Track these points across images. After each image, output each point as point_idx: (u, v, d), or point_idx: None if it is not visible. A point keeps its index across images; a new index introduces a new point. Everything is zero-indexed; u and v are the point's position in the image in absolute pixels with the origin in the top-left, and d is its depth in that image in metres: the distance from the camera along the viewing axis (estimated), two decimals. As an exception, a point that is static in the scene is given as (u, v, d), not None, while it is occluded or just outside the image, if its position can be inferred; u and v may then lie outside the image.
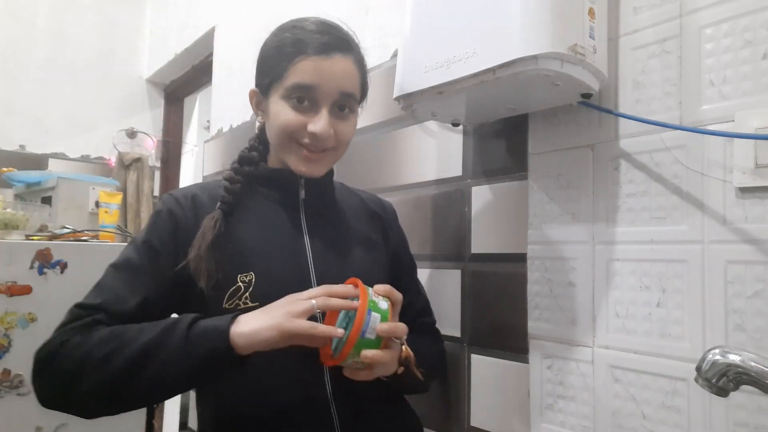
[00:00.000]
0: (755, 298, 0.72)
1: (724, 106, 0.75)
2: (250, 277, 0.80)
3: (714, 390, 0.57)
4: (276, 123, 0.82)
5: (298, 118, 0.81)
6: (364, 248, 0.94)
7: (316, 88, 0.80)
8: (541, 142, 0.98)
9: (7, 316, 1.55)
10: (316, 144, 0.82)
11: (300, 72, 0.80)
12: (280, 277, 0.82)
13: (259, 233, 0.85)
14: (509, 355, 1.02)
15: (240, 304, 0.78)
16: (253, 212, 0.87)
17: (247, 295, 0.79)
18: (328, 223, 0.92)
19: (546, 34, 0.77)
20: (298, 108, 0.81)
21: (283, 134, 0.82)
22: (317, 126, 0.80)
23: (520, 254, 1.00)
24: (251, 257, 0.82)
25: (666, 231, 0.81)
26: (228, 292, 0.79)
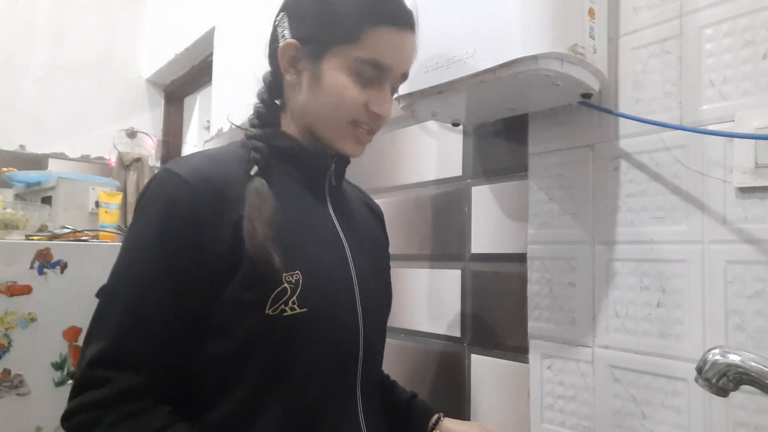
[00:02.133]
0: (755, 298, 0.72)
1: (724, 106, 0.75)
2: (297, 277, 0.66)
3: (714, 390, 0.57)
4: (332, 95, 0.70)
5: (363, 95, 0.71)
6: (379, 249, 0.88)
7: (388, 68, 0.71)
8: (541, 142, 0.98)
9: (7, 316, 1.55)
10: (376, 125, 0.74)
11: (379, 44, 0.69)
12: (327, 277, 0.71)
13: (294, 222, 0.71)
14: (509, 355, 1.02)
15: (287, 310, 0.66)
16: (280, 194, 0.70)
17: (294, 299, 0.66)
18: (352, 217, 0.82)
19: (546, 34, 0.77)
20: (363, 83, 0.70)
21: (341, 110, 0.71)
22: (383, 108, 0.72)
23: (520, 254, 1.00)
24: (294, 252, 0.68)
25: (666, 231, 0.81)
26: (272, 296, 0.65)
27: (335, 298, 0.72)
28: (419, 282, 1.21)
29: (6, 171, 2.28)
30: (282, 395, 0.68)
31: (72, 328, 1.63)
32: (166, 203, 0.65)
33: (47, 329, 1.59)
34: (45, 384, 1.56)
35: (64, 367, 1.60)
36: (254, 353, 0.67)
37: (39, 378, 1.56)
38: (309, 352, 0.69)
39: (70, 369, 1.61)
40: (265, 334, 0.66)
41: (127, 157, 2.78)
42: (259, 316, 0.65)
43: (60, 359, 1.60)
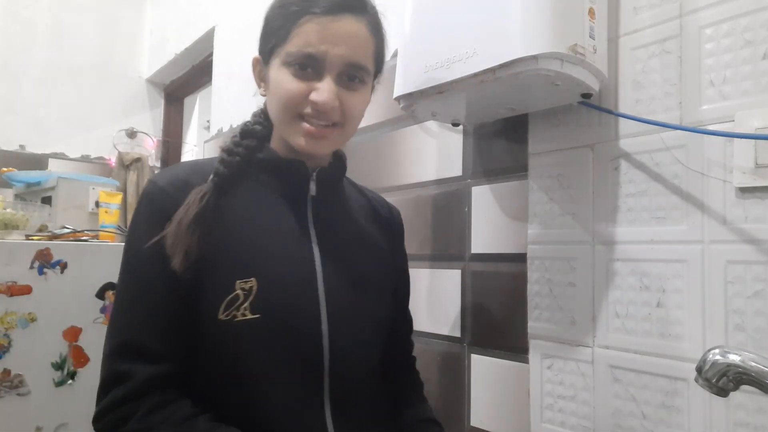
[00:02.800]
0: (755, 298, 0.72)
1: (724, 106, 0.75)
2: (251, 284, 0.69)
3: (714, 390, 0.57)
4: (276, 93, 0.73)
5: (300, 86, 0.71)
6: (373, 258, 0.85)
7: (321, 56, 0.70)
8: (541, 142, 0.98)
9: (7, 316, 1.55)
10: (319, 116, 0.72)
11: (304, 35, 0.70)
12: (285, 286, 0.72)
13: (261, 231, 0.74)
14: (509, 355, 1.02)
15: (238, 316, 0.68)
16: (251, 204, 0.75)
17: (246, 306, 0.69)
18: (338, 226, 0.82)
19: (546, 34, 0.77)
20: (301, 76, 0.71)
21: (285, 105, 0.72)
22: (320, 95, 0.70)
23: (520, 254, 1.00)
24: (253, 260, 0.71)
25: (666, 231, 0.81)
26: (225, 301, 0.69)
27: (293, 306, 0.71)
28: (419, 282, 1.21)
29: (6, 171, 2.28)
30: (237, 403, 0.70)
31: (72, 328, 1.63)
32: (147, 210, 0.73)
33: (47, 329, 1.58)
34: (45, 384, 1.56)
35: (64, 367, 1.60)
36: (210, 357, 0.71)
37: (39, 378, 1.55)
38: (262, 360, 0.70)
39: (70, 369, 1.61)
40: (218, 339, 0.69)
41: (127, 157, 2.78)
42: (212, 321, 0.69)
43: (60, 359, 1.60)
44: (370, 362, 0.81)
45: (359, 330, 0.78)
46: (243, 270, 0.70)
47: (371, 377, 0.81)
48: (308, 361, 0.72)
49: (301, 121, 0.73)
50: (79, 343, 1.64)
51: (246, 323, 0.68)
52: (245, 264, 0.71)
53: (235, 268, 0.70)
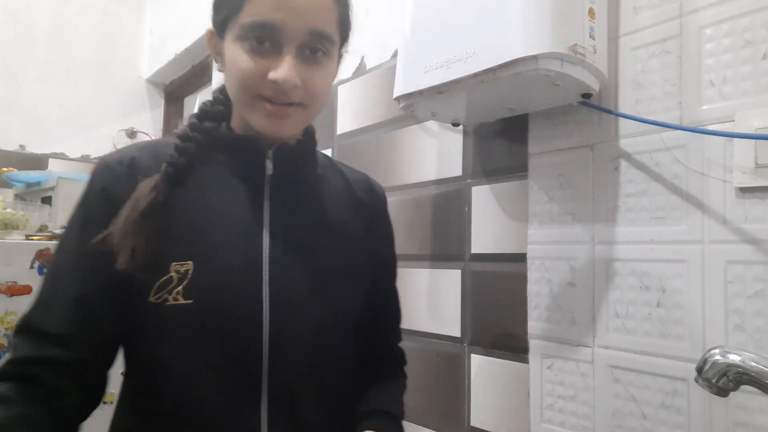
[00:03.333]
0: (755, 298, 0.72)
1: (724, 106, 0.75)
2: (187, 267, 0.64)
3: (714, 390, 0.57)
4: (232, 72, 0.67)
5: (258, 64, 0.64)
6: (342, 245, 0.77)
7: (277, 27, 0.63)
8: (541, 142, 0.98)
9: (7, 316, 1.55)
10: (280, 97, 0.65)
11: (257, 3, 0.63)
12: (225, 271, 0.66)
13: (207, 213, 0.69)
14: (509, 355, 1.02)
15: (169, 299, 0.63)
16: (204, 185, 0.70)
17: (179, 290, 0.63)
18: (297, 209, 0.74)
19: (546, 34, 0.77)
20: (257, 51, 0.64)
21: (241, 85, 0.66)
22: (279, 73, 0.63)
23: (520, 254, 1.00)
24: (191, 242, 0.66)
25: (666, 231, 0.81)
26: (157, 284, 0.63)
27: (231, 292, 0.66)
28: (419, 282, 1.21)
29: (6, 171, 2.28)
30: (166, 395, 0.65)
31: (72, 328, 1.62)
32: (88, 188, 0.68)
33: (47, 329, 1.58)
34: (45, 384, 1.56)
35: (64, 367, 1.60)
36: (137, 343, 0.67)
37: (39, 378, 1.55)
38: (192, 348, 0.64)
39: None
40: (146, 322, 0.65)
41: (127, 157, 2.78)
42: (142, 303, 0.64)
43: (60, 359, 1.60)
44: (325, 359, 0.72)
45: (312, 323, 0.70)
46: (180, 252, 0.65)
47: (328, 376, 0.73)
48: (244, 355, 0.66)
49: (261, 101, 0.66)
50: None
51: (177, 308, 0.63)
52: (183, 245, 0.65)
53: (172, 250, 0.65)
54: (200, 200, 0.69)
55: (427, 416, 1.15)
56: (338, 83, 1.49)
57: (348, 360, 0.76)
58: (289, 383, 0.68)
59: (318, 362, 0.71)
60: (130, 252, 0.62)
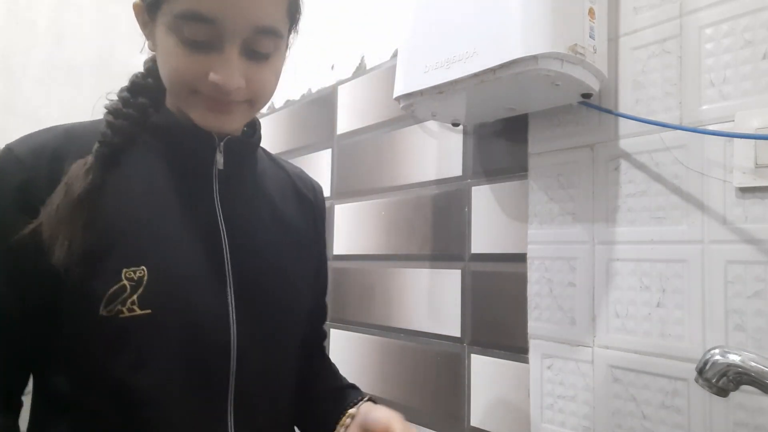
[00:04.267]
0: (755, 298, 0.72)
1: (724, 106, 0.75)
2: (141, 273, 0.56)
3: (714, 390, 0.57)
4: (165, 65, 0.59)
5: (195, 62, 0.56)
6: (291, 242, 0.73)
7: (216, 21, 0.54)
8: (541, 142, 0.98)
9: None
10: (221, 96, 0.58)
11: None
12: (184, 276, 0.60)
13: (155, 210, 0.61)
14: (509, 355, 1.02)
15: (124, 311, 0.55)
16: (145, 177, 0.62)
17: (134, 299, 0.56)
18: (250, 205, 0.69)
19: (546, 34, 0.77)
20: (193, 45, 0.56)
21: (176, 81, 0.59)
22: (220, 75, 0.56)
23: (520, 254, 1.00)
24: (142, 244, 0.58)
25: (666, 231, 0.81)
26: (108, 294, 0.55)
27: (193, 299, 0.59)
28: (419, 282, 1.21)
29: (6, 171, 2.28)
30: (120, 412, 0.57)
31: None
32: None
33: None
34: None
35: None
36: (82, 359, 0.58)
37: (39, 378, 1.55)
38: (151, 363, 0.57)
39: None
40: (96, 338, 0.57)
41: (127, 157, 2.78)
42: (90, 317, 0.55)
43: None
44: (283, 360, 0.70)
45: (274, 326, 0.67)
46: (131, 256, 0.57)
47: (283, 379, 0.70)
48: (211, 367, 0.61)
49: (199, 96, 0.59)
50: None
51: (133, 319, 0.55)
52: (133, 249, 0.57)
53: (122, 254, 0.57)
54: (142, 195, 0.61)
55: (427, 416, 1.15)
56: (338, 83, 1.49)
57: (296, 358, 0.74)
58: (252, 394, 0.64)
59: (279, 365, 0.69)
60: (67, 243, 0.54)
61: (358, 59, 1.43)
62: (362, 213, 1.29)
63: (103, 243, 0.57)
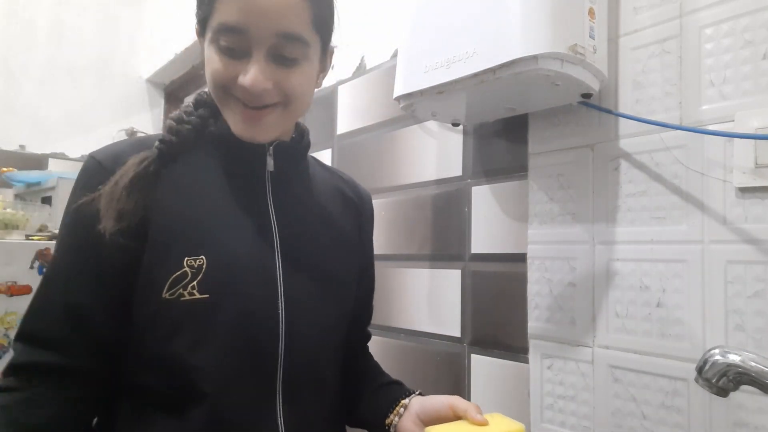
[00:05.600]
0: (755, 298, 0.72)
1: (724, 106, 0.75)
2: (201, 261, 0.63)
3: (714, 390, 0.57)
4: (207, 72, 0.66)
5: (228, 67, 0.63)
6: (338, 243, 0.78)
7: (243, 30, 0.61)
8: (541, 142, 0.98)
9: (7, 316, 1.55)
10: (252, 99, 0.64)
11: (226, 8, 0.61)
12: (239, 264, 0.66)
13: (213, 206, 0.68)
14: (509, 355, 1.02)
15: (185, 295, 0.62)
16: (202, 177, 0.70)
17: (194, 284, 0.63)
18: (299, 205, 0.75)
19: (546, 34, 0.77)
20: (228, 53, 0.63)
21: (214, 86, 0.66)
22: (246, 78, 0.62)
23: (520, 254, 1.00)
24: (202, 236, 0.65)
25: (666, 231, 0.81)
26: (171, 279, 0.62)
27: (246, 287, 0.65)
28: (419, 282, 1.21)
29: (6, 171, 2.28)
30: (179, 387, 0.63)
31: (72, 328, 1.62)
32: (81, 187, 0.66)
33: (47, 329, 1.58)
34: (45, 384, 1.56)
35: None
36: (147, 340, 0.64)
37: (39, 378, 1.55)
38: (208, 343, 0.63)
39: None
40: (159, 319, 0.63)
41: (127, 157, 2.77)
42: (155, 298, 0.62)
43: (60, 359, 1.60)
44: (328, 352, 0.75)
45: (319, 318, 0.72)
46: (192, 246, 0.64)
47: (327, 369, 0.75)
48: (262, 350, 0.66)
49: (235, 101, 0.66)
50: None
51: (193, 303, 0.62)
52: (195, 240, 0.64)
53: (184, 244, 0.64)
54: (201, 192, 0.68)
55: (427, 416, 1.15)
56: (338, 83, 1.49)
57: (341, 354, 0.78)
58: (299, 378, 0.69)
59: (323, 357, 0.73)
60: (115, 217, 0.61)
61: (358, 59, 1.43)
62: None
63: (166, 234, 0.64)
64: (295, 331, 0.68)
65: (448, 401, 0.69)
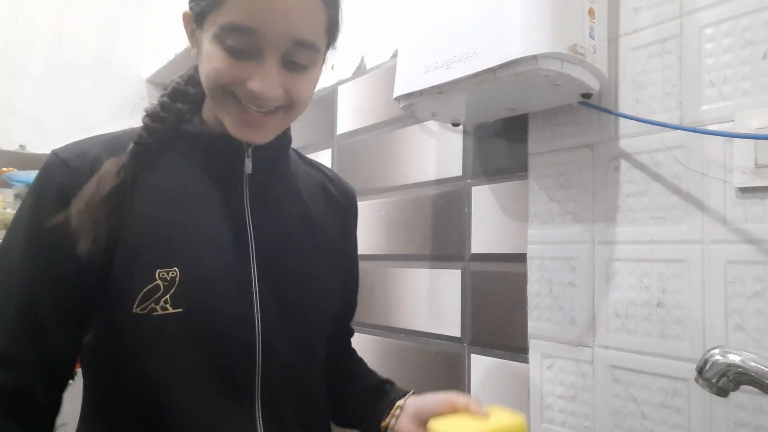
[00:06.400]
0: (755, 298, 0.72)
1: (724, 106, 0.75)
2: (174, 273, 0.60)
3: (714, 390, 0.57)
4: (207, 70, 0.61)
5: (236, 68, 0.59)
6: (321, 246, 0.75)
7: (257, 33, 0.57)
8: (541, 142, 0.98)
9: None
10: (258, 104, 0.61)
11: (239, 6, 0.57)
12: (214, 277, 0.62)
13: (186, 213, 0.64)
14: (509, 355, 1.02)
15: (157, 309, 0.59)
16: (176, 180, 0.65)
17: (167, 298, 0.59)
18: (279, 209, 0.71)
19: (546, 34, 0.77)
20: (236, 54, 0.58)
21: (216, 87, 0.61)
22: (258, 84, 0.59)
23: (520, 254, 1.00)
24: (175, 246, 0.61)
25: (666, 231, 0.81)
26: (141, 293, 0.58)
27: (220, 299, 0.62)
28: (419, 282, 1.21)
29: (6, 171, 2.28)
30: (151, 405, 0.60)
31: (72, 328, 1.62)
32: (40, 184, 0.61)
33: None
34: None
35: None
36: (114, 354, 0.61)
37: (39, 378, 1.55)
38: (183, 360, 0.60)
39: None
40: (130, 335, 0.60)
41: (127, 157, 2.77)
42: (123, 314, 0.58)
43: (60, 359, 1.59)
44: (309, 361, 0.72)
45: (299, 328, 0.70)
46: (164, 257, 0.60)
47: (309, 378, 0.73)
48: (237, 363, 0.63)
49: (237, 105, 0.61)
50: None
51: (167, 318, 0.59)
52: (167, 250, 0.60)
53: (155, 255, 0.60)
54: (174, 198, 0.64)
55: (427, 416, 1.15)
56: (338, 83, 1.49)
57: (322, 360, 0.76)
58: (279, 390, 0.67)
59: (304, 364, 0.71)
60: (92, 238, 0.57)
61: (358, 59, 1.43)
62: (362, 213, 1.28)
63: (137, 243, 0.60)
64: (272, 343, 0.65)
65: (448, 398, 0.68)
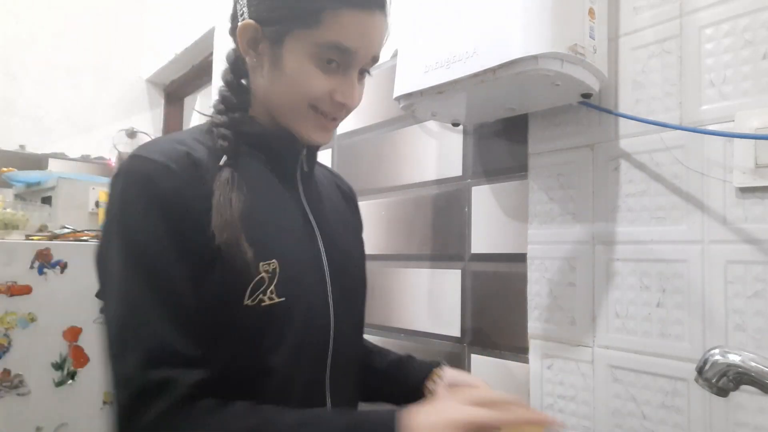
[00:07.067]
0: (755, 298, 0.72)
1: (724, 106, 0.75)
2: (274, 265, 0.65)
3: (714, 390, 0.57)
4: (294, 84, 0.67)
5: (327, 83, 0.67)
6: (352, 234, 0.86)
7: (353, 53, 0.66)
8: (541, 142, 0.98)
9: (7, 316, 1.55)
10: (338, 114, 0.70)
11: (341, 28, 0.64)
12: (302, 266, 0.70)
13: (266, 209, 0.70)
14: (509, 355, 1.02)
15: (264, 300, 0.64)
16: (252, 179, 0.69)
17: (272, 289, 0.65)
18: (322, 203, 0.80)
19: (546, 34, 0.77)
20: (327, 70, 0.66)
21: (302, 100, 0.67)
22: (349, 98, 0.68)
23: (520, 254, 1.00)
24: (270, 240, 0.67)
25: (666, 231, 0.81)
26: (251, 285, 0.63)
27: (310, 285, 0.70)
28: (419, 282, 1.21)
29: (6, 171, 2.28)
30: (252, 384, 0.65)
31: (72, 328, 1.63)
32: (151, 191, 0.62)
33: (47, 329, 1.59)
34: (45, 384, 1.56)
35: (64, 367, 1.60)
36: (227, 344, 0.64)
37: (39, 378, 1.56)
38: (286, 341, 0.67)
39: (70, 369, 1.61)
40: (242, 324, 0.64)
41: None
42: (236, 307, 0.63)
43: (60, 359, 1.60)
44: (360, 335, 0.83)
45: (354, 307, 0.80)
46: (264, 251, 0.65)
47: (359, 352, 0.84)
48: (320, 339, 0.71)
49: (317, 115, 0.69)
50: (79, 343, 1.64)
51: (273, 307, 0.64)
52: (263, 245, 0.65)
53: (257, 250, 0.64)
54: (256, 196, 0.68)
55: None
56: (338, 83, 1.49)
57: None
58: (342, 365, 0.75)
59: (357, 339, 0.82)
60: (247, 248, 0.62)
61: (358, 59, 1.43)
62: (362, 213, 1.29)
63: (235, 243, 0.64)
64: (340, 324, 0.73)
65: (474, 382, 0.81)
